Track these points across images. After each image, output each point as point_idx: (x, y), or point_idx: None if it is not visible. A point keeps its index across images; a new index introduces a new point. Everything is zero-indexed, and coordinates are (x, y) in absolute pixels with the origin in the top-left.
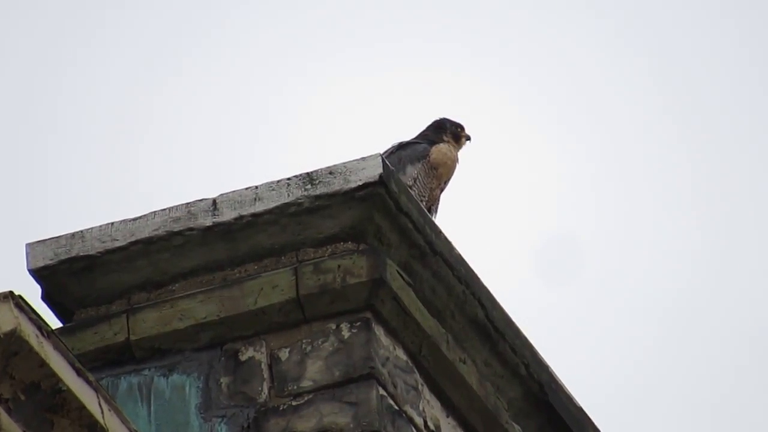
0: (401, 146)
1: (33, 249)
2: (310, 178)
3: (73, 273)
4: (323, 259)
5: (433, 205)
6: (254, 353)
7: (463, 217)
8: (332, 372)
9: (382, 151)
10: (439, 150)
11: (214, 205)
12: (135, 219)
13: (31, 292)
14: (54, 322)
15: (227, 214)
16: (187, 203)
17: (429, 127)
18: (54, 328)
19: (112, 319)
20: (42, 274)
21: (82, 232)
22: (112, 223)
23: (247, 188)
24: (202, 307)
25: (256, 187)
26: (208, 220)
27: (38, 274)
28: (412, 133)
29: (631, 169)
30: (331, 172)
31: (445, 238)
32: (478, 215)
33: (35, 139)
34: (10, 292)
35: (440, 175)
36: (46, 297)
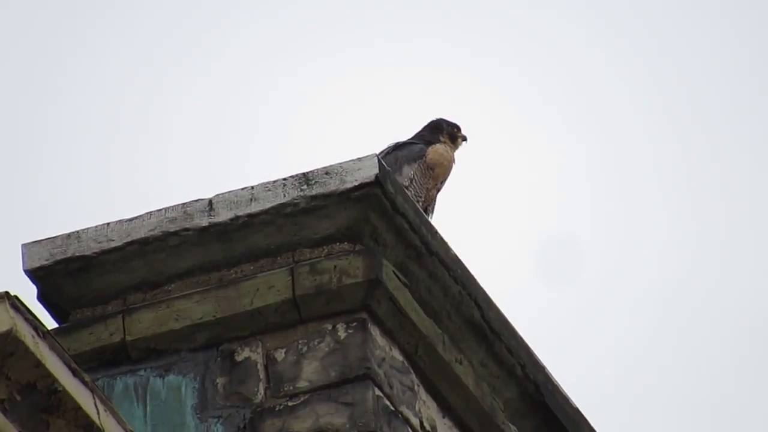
0: (397, 146)
1: (29, 249)
2: (306, 179)
3: (68, 273)
4: (319, 260)
5: (430, 205)
6: (250, 354)
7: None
8: (328, 372)
9: (378, 152)
10: (435, 150)
11: (210, 206)
12: (131, 219)
13: (27, 293)
14: (50, 322)
15: (223, 215)
16: (183, 203)
17: (425, 128)
18: (50, 328)
19: (108, 319)
20: (38, 275)
21: (78, 232)
22: (108, 224)
23: (243, 188)
24: (198, 308)
25: (252, 188)
26: (204, 221)
27: (34, 275)
28: (409, 133)
29: (631, 169)
30: (327, 173)
31: (442, 239)
32: (478, 215)
33: (31, 140)
34: (6, 293)
35: (436, 175)
36: (42, 297)
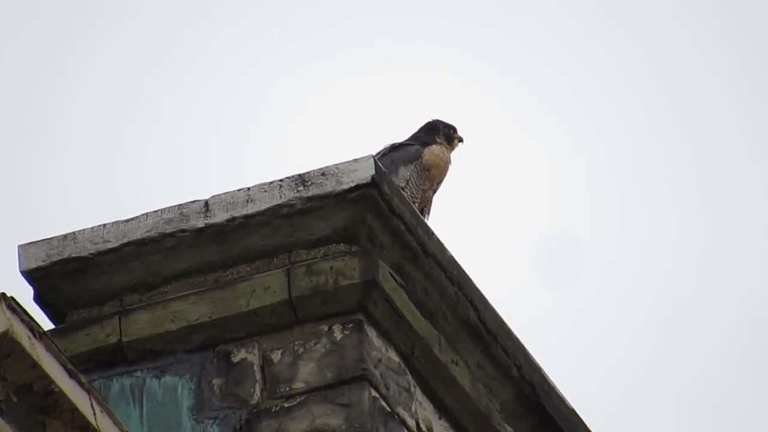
0: (394, 148)
1: (25, 250)
2: (302, 180)
3: (65, 274)
4: (315, 261)
5: (426, 206)
6: (246, 355)
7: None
8: (324, 374)
9: (375, 153)
10: (431, 151)
11: (206, 207)
12: (127, 220)
13: (24, 294)
14: (46, 323)
15: (219, 216)
16: (179, 205)
17: (421, 129)
18: (46, 329)
19: (105, 320)
20: (34, 276)
21: (74, 233)
22: (105, 225)
23: (239, 190)
24: (195, 309)
25: (249, 189)
26: (200, 222)
27: (30, 276)
28: (405, 134)
29: (629, 169)
30: (324, 174)
31: (438, 240)
32: (478, 215)
33: (27, 141)
34: (3, 294)
35: (433, 176)
36: (39, 298)
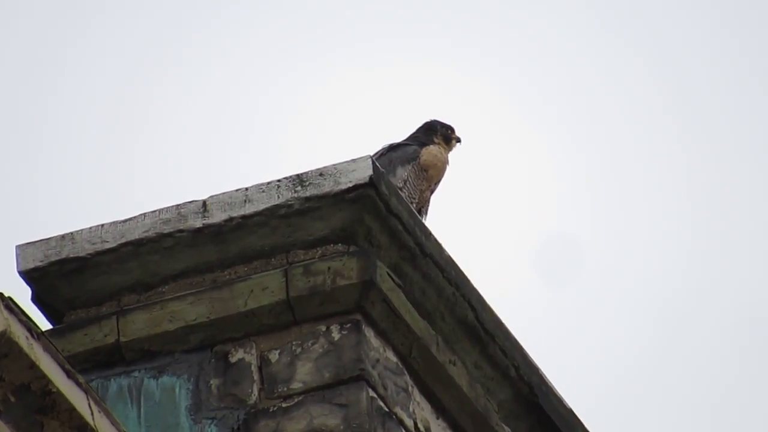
0: (391, 148)
1: (23, 251)
2: (300, 180)
3: (63, 274)
4: (313, 261)
5: (423, 207)
6: (244, 355)
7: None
8: (322, 374)
9: (373, 153)
10: (429, 152)
11: (204, 207)
12: (125, 221)
13: (21, 294)
14: (44, 323)
15: (217, 216)
16: (177, 205)
17: (419, 129)
18: (44, 329)
19: (102, 320)
20: (32, 276)
21: (72, 233)
22: (102, 225)
23: (237, 190)
24: (192, 309)
25: (246, 189)
26: (198, 222)
27: (28, 276)
28: (403, 134)
29: (630, 169)
30: (321, 174)
31: (435, 240)
32: (478, 215)
33: (25, 140)
34: (0, 294)
35: (430, 177)
36: (36, 299)
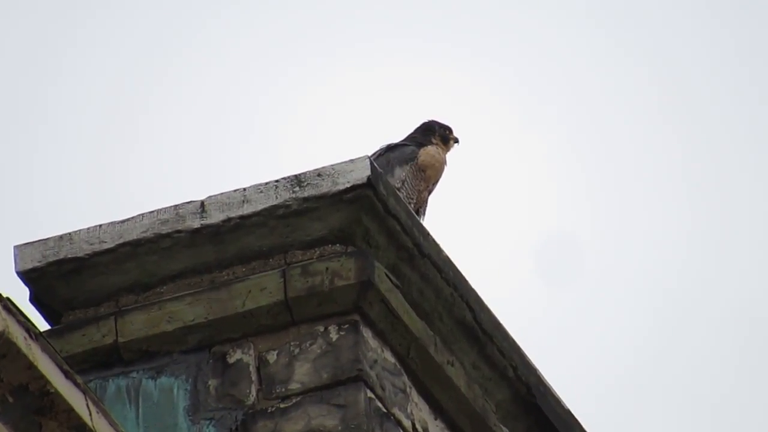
0: (389, 148)
1: (21, 251)
2: (298, 180)
3: (61, 275)
4: (311, 262)
5: (421, 207)
6: (242, 355)
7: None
8: (320, 374)
9: (371, 153)
10: (427, 152)
11: (202, 207)
12: (123, 221)
13: (19, 295)
14: (42, 324)
15: (215, 216)
16: (175, 205)
17: (417, 129)
18: (42, 330)
19: (101, 321)
20: (30, 277)
21: (70, 234)
22: (100, 225)
23: (235, 190)
24: (190, 310)
25: (244, 189)
26: (196, 222)
27: (26, 277)
28: (401, 134)
29: (629, 169)
30: (319, 174)
31: (433, 241)
32: (478, 216)
33: (23, 141)
34: None
35: (428, 177)
36: (35, 299)
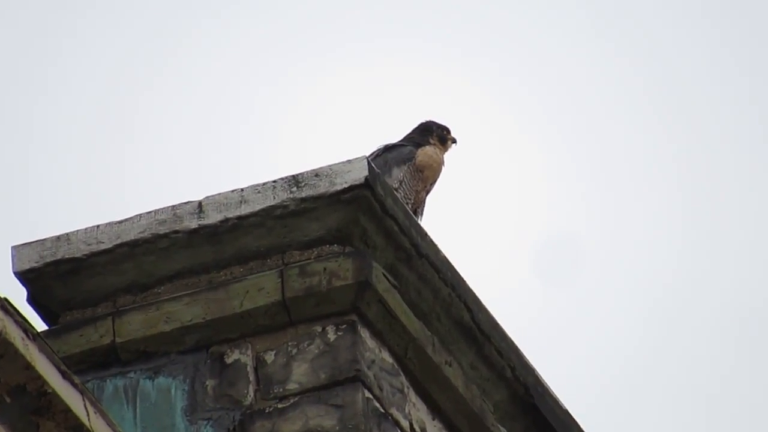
0: (387, 149)
1: (18, 251)
2: (295, 181)
3: (58, 275)
4: (309, 262)
5: (419, 207)
6: (240, 356)
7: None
8: (318, 374)
9: (368, 154)
10: (425, 153)
11: (199, 208)
12: (120, 221)
13: (17, 295)
14: (40, 324)
15: (213, 217)
16: (173, 206)
17: (415, 130)
18: (40, 330)
19: (98, 321)
20: (27, 277)
21: (67, 234)
22: (98, 226)
23: (232, 191)
24: (188, 310)
25: (242, 190)
26: (193, 223)
27: (24, 277)
28: (399, 135)
29: (628, 169)
30: (317, 175)
31: (431, 241)
32: (477, 216)
33: (20, 141)
34: None
35: (426, 177)
36: (32, 299)
